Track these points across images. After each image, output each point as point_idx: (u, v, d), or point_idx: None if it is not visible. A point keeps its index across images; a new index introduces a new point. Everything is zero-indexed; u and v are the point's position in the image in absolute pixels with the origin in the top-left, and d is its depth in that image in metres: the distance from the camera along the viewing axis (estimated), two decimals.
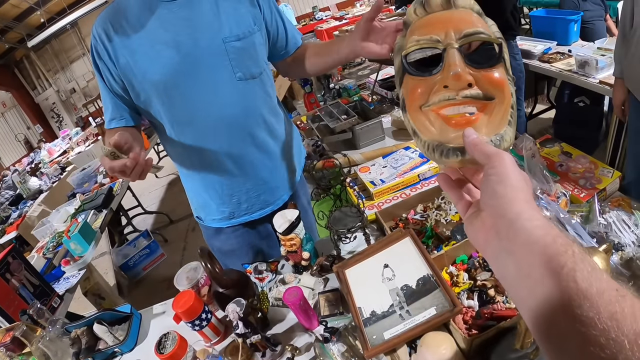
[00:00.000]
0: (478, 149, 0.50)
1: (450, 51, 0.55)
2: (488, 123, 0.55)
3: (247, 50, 1.27)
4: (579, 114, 3.28)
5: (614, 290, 0.35)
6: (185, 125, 1.30)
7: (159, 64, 1.20)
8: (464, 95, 0.54)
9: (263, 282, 1.36)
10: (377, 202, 1.54)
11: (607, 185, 1.32)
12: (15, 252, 1.75)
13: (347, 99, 2.61)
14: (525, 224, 0.42)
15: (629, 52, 1.74)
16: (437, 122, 0.57)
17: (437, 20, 0.59)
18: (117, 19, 1.20)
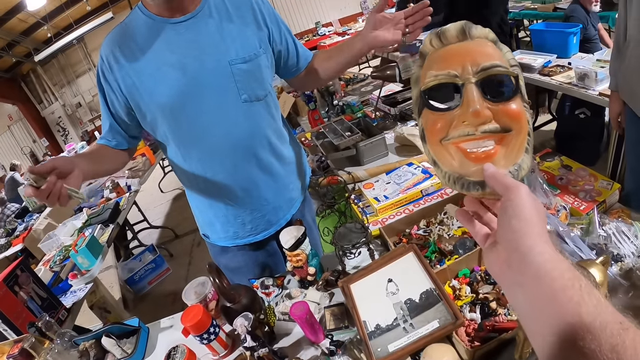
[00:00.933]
0: (497, 181, 0.52)
1: (469, 87, 0.56)
2: (506, 154, 0.56)
3: (253, 73, 1.29)
4: (580, 125, 3.30)
5: (618, 324, 0.37)
6: (191, 146, 1.32)
7: (165, 85, 1.22)
8: (483, 130, 0.56)
9: (270, 296, 1.38)
10: (381, 217, 1.57)
11: (606, 197, 1.34)
12: (23, 265, 1.79)
13: (351, 116, 2.65)
14: (536, 258, 0.44)
15: (623, 65, 1.77)
16: (457, 155, 0.59)
17: (453, 53, 0.59)
18: (124, 41, 1.22)
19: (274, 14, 1.37)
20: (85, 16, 9.90)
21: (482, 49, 0.58)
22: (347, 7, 11.35)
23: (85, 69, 11.74)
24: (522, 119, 0.56)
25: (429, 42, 0.63)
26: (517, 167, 0.56)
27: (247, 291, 1.30)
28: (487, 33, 0.60)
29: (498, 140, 0.56)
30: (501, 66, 0.56)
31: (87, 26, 9.79)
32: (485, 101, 0.56)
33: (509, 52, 0.60)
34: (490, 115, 0.56)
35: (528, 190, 0.50)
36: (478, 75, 0.56)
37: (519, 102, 0.57)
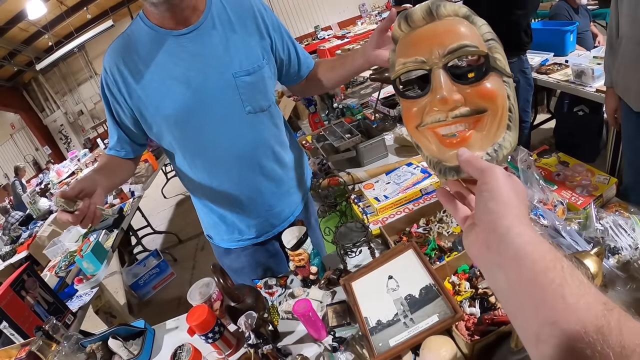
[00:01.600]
0: (471, 165, 0.52)
1: (436, 72, 0.55)
2: (483, 136, 0.55)
3: (257, 85, 1.30)
4: (579, 122, 3.32)
5: (602, 304, 0.37)
6: (196, 156, 1.34)
7: (170, 98, 1.23)
8: (454, 115, 0.55)
9: (273, 296, 1.41)
10: (382, 217, 1.59)
11: (603, 191, 1.35)
12: (30, 270, 1.81)
13: (351, 118, 2.67)
14: (515, 240, 0.43)
15: (617, 61, 1.81)
16: (433, 140, 0.58)
17: (421, 37, 0.58)
18: (128, 53, 1.22)
19: (277, 22, 1.37)
20: (85, 24, 9.97)
21: (450, 29, 0.55)
22: (346, 11, 11.39)
23: (86, 77, 11.81)
24: (495, 98, 0.54)
25: (398, 27, 0.61)
26: (497, 147, 0.55)
27: (251, 291, 1.32)
28: (456, 9, 0.56)
29: (473, 122, 0.55)
30: (469, 46, 0.54)
31: (87, 34, 9.84)
32: (455, 84, 0.55)
33: (484, 26, 0.56)
34: (459, 99, 0.54)
35: (504, 171, 0.49)
36: (446, 59, 0.54)
37: (493, 79, 0.54)
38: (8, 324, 1.60)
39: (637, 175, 1.93)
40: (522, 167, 1.33)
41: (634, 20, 1.62)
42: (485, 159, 0.54)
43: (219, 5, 1.28)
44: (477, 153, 0.55)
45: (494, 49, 0.55)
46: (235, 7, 1.29)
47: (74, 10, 9.25)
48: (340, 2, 11.45)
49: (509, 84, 0.56)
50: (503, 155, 0.55)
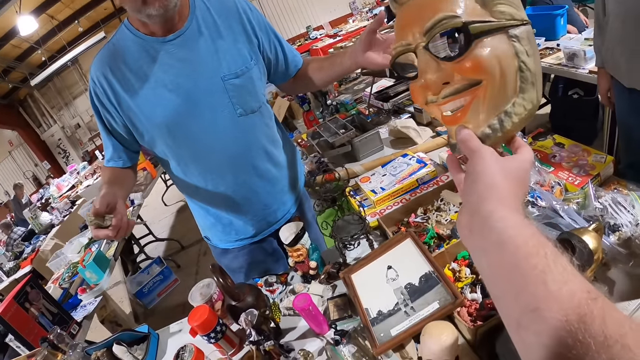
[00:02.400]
0: (465, 145, 0.51)
1: (419, 54, 0.52)
2: (485, 108, 0.51)
3: (246, 87, 1.30)
4: (574, 105, 3.32)
5: (585, 292, 0.36)
6: (190, 161, 1.35)
7: (161, 106, 1.23)
8: (444, 95, 0.53)
9: (274, 293, 1.40)
10: (379, 209, 1.58)
11: (600, 170, 1.34)
12: (33, 282, 1.80)
13: (345, 114, 2.67)
14: (497, 224, 0.43)
15: (606, 39, 1.81)
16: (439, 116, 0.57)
17: (404, 17, 0.55)
18: (115, 63, 1.22)
19: (263, 21, 1.37)
20: (77, 37, 10.03)
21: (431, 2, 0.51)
22: (337, 9, 11.41)
23: (81, 90, 11.86)
24: (485, 67, 0.49)
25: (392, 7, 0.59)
26: (503, 116, 0.51)
27: (251, 289, 1.32)
28: None
29: (469, 95, 0.52)
30: (445, 18, 0.49)
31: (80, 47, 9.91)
32: (440, 63, 0.51)
33: None
34: (446, 76, 0.51)
35: (493, 153, 0.48)
36: (426, 38, 0.51)
37: (486, 44, 0.49)
38: (13, 336, 1.60)
39: (633, 152, 1.93)
40: None
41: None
42: (486, 132, 0.52)
43: (203, 8, 1.27)
44: (480, 128, 0.52)
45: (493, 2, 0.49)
46: (220, 9, 1.29)
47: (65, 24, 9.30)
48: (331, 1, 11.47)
49: (519, 37, 0.49)
50: (513, 123, 0.51)
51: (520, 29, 0.49)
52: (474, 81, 0.51)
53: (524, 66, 0.50)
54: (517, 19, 0.49)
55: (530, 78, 0.50)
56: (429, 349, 0.83)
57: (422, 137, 2.03)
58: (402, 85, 2.70)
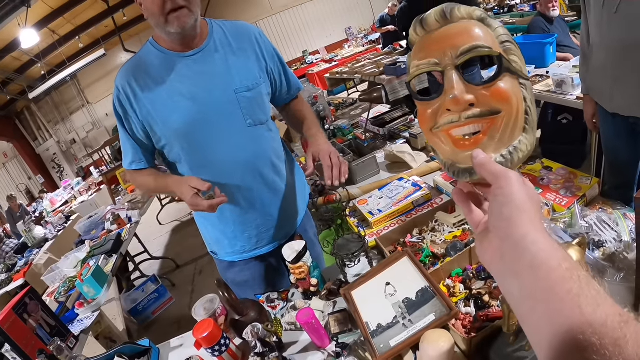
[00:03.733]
0: (485, 169, 0.50)
1: (448, 73, 0.54)
2: (498, 138, 0.54)
3: (256, 100, 1.43)
4: (564, 130, 3.40)
5: (618, 316, 0.35)
6: (202, 167, 1.43)
7: (178, 113, 1.35)
8: (467, 116, 0.54)
9: (276, 309, 1.45)
10: (376, 229, 1.65)
11: (586, 191, 1.43)
12: (32, 294, 1.82)
13: (343, 139, 2.76)
14: (530, 247, 0.42)
15: (590, 66, 1.90)
16: (448, 142, 0.58)
17: (434, 40, 0.57)
18: (139, 73, 1.35)
19: (271, 48, 1.52)
20: (77, 53, 10.09)
21: (464, 31, 0.55)
22: (333, 35, 11.66)
23: (78, 106, 11.88)
24: (510, 98, 0.53)
25: (413, 31, 0.60)
26: (513, 149, 0.54)
27: (254, 305, 1.37)
28: (471, 12, 0.56)
29: (487, 123, 0.54)
30: (482, 47, 0.53)
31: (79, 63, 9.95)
32: (468, 85, 0.54)
33: (500, 28, 0.56)
34: (472, 99, 0.53)
35: (519, 176, 0.49)
36: (458, 59, 0.54)
37: (508, 80, 0.53)
38: (11, 347, 1.60)
39: (618, 175, 2.01)
40: None
41: (600, 27, 1.73)
42: (499, 161, 0.53)
43: (220, 32, 1.43)
44: (491, 155, 0.54)
45: (510, 50, 0.54)
46: (235, 34, 1.45)
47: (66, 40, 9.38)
48: (327, 26, 11.72)
49: (526, 86, 0.55)
50: (518, 158, 0.54)
51: (526, 81, 0.55)
52: (495, 109, 0.53)
53: (529, 110, 0.55)
54: (524, 73, 0.55)
55: (531, 122, 0.55)
56: (428, 355, 0.89)
57: (417, 162, 2.12)
58: (397, 112, 2.80)
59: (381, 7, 9.61)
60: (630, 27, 1.56)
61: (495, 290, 1.13)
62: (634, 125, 1.79)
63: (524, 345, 0.91)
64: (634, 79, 1.64)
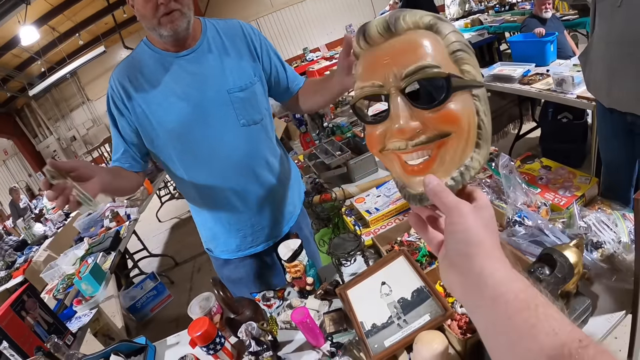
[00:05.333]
0: (438, 198, 0.49)
1: (393, 98, 0.51)
2: (449, 159, 0.52)
3: (249, 100, 1.42)
4: (564, 129, 3.41)
5: (577, 341, 0.37)
6: (195, 167, 1.43)
7: (172, 114, 1.34)
8: (414, 143, 0.51)
9: (271, 308, 1.45)
10: (373, 228, 1.65)
11: (585, 191, 1.42)
12: (30, 291, 1.82)
13: (341, 136, 2.75)
14: (488, 281, 0.43)
15: (588, 60, 1.89)
16: (397, 164, 0.56)
17: (378, 57, 0.53)
18: (133, 73, 1.34)
19: (265, 44, 1.49)
20: (77, 50, 10.03)
21: (410, 46, 0.50)
22: (333, 32, 11.59)
23: (79, 103, 11.84)
24: (460, 120, 0.50)
25: (357, 43, 0.56)
26: (464, 169, 0.52)
27: (249, 303, 1.36)
28: (418, 20, 0.51)
29: (436, 147, 0.52)
30: (429, 67, 0.49)
31: (79, 60, 9.90)
32: (415, 110, 0.50)
33: (451, 34, 0.51)
34: (418, 127, 0.51)
35: (470, 207, 0.48)
36: (403, 83, 0.50)
37: (458, 99, 0.50)
38: (8, 344, 1.60)
39: (614, 173, 2.00)
40: (505, 172, 1.40)
41: (603, 19, 1.71)
42: (450, 184, 0.52)
43: (214, 30, 1.42)
44: (443, 179, 0.52)
45: (462, 60, 0.50)
46: (228, 32, 1.43)
47: (66, 37, 9.34)
48: (328, 24, 11.66)
49: (480, 96, 0.51)
50: (470, 176, 0.52)
51: (480, 89, 0.52)
52: (444, 132, 0.51)
53: (482, 124, 0.52)
54: (478, 81, 0.52)
55: (485, 135, 0.53)
56: (421, 357, 0.89)
57: None
58: None
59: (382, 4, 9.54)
60: (632, 21, 1.55)
61: None
62: (631, 125, 1.77)
63: None
64: (632, 73, 1.62)
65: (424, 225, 0.56)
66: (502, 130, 4.11)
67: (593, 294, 1.07)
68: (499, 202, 1.48)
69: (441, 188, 0.49)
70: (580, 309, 0.98)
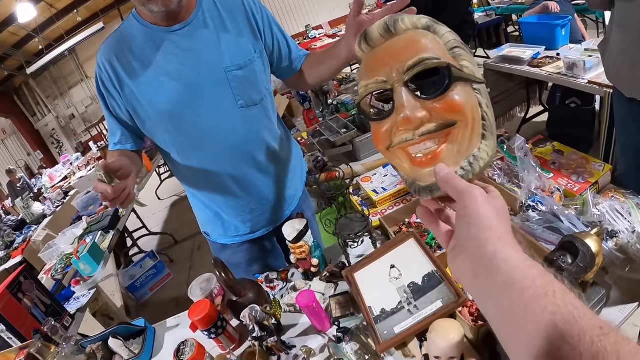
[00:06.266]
0: (449, 185, 0.49)
1: (397, 90, 0.53)
2: (456, 150, 0.53)
3: (248, 79, 1.31)
4: (572, 115, 3.35)
5: (598, 329, 0.35)
6: (190, 151, 1.35)
7: (163, 94, 1.24)
8: (421, 133, 0.53)
9: (274, 290, 1.40)
10: (380, 209, 1.59)
11: (599, 178, 1.37)
12: (26, 273, 1.77)
13: (346, 114, 2.68)
14: (502, 266, 0.42)
15: (608, 47, 1.82)
16: (405, 160, 0.56)
17: (380, 56, 0.56)
18: (121, 50, 1.23)
19: (267, 16, 1.37)
20: (76, 27, 9.92)
21: (410, 44, 0.53)
22: (337, 9, 11.41)
23: (77, 80, 11.75)
24: (463, 108, 0.51)
25: (358, 48, 0.60)
26: (473, 159, 0.52)
27: (252, 285, 1.32)
28: (415, 21, 0.54)
29: (443, 137, 0.53)
30: (430, 58, 0.51)
31: (78, 37, 9.82)
32: (419, 101, 0.52)
33: (448, 33, 0.54)
34: (424, 116, 0.52)
35: (483, 192, 0.47)
36: (406, 75, 0.52)
37: (460, 89, 0.52)
38: (5, 327, 1.56)
39: (632, 160, 1.95)
40: (520, 154, 1.34)
41: (624, 7, 1.64)
42: (460, 173, 0.52)
43: (210, 2, 1.29)
44: (453, 169, 0.53)
45: (460, 56, 0.53)
46: (226, 4, 1.31)
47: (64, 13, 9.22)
48: (331, 1, 11.47)
49: (481, 91, 0.53)
50: (480, 167, 0.53)
51: (480, 85, 0.53)
52: (450, 121, 0.52)
53: (485, 116, 0.53)
54: (478, 77, 0.53)
55: (489, 128, 0.54)
56: (436, 346, 0.84)
57: None
58: None
59: None
60: None
61: None
62: None
63: None
64: None
65: (433, 218, 0.56)
66: (509, 113, 4.04)
67: (607, 284, 1.02)
68: (510, 185, 1.43)
69: (452, 175, 0.50)
70: (596, 299, 0.94)
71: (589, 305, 0.92)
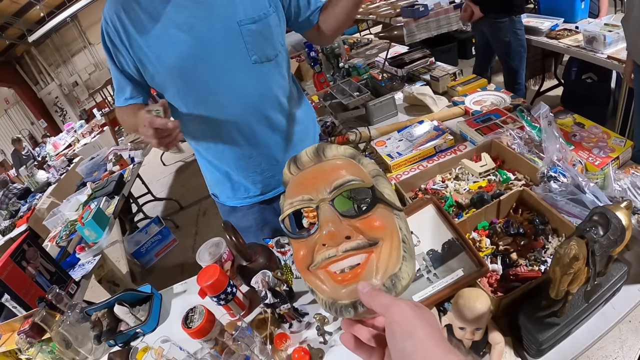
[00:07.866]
0: (375, 301, 0.48)
1: (323, 208, 0.55)
2: (379, 267, 0.53)
3: (263, 33, 1.24)
4: (587, 90, 3.29)
5: None
6: (200, 107, 1.29)
7: (173, 48, 1.18)
8: (344, 249, 0.54)
9: (285, 255, 1.36)
10: (395, 174, 1.55)
11: (620, 153, 1.35)
12: (30, 240, 1.73)
13: (358, 77, 2.61)
14: None
15: (629, 24, 1.82)
16: (327, 279, 0.56)
17: (308, 177, 0.59)
18: (128, 2, 1.17)
19: None
20: None
21: (337, 167, 0.58)
22: None
23: (80, 47, 11.63)
24: (386, 228, 0.54)
25: (287, 171, 0.63)
26: (395, 278, 0.53)
27: (263, 250, 1.28)
28: (342, 151, 0.61)
29: (366, 255, 0.54)
30: (354, 180, 0.55)
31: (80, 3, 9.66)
32: (344, 219, 0.55)
33: (370, 164, 0.60)
34: (349, 231, 0.54)
35: (410, 303, 0.45)
36: (332, 194, 0.55)
37: (382, 211, 0.55)
38: (10, 297, 1.54)
39: None
40: (544, 123, 1.28)
41: None
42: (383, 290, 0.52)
43: None
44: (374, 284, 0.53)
45: (381, 184, 0.58)
46: None
47: None
48: None
49: (400, 216, 0.57)
50: (402, 286, 0.53)
51: (400, 213, 0.58)
52: (373, 240, 0.54)
53: (405, 239, 0.56)
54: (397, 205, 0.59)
55: (409, 251, 0.56)
56: (462, 316, 0.79)
57: (438, 106, 1.98)
58: (417, 53, 2.64)
59: None
60: None
61: (524, 248, 1.03)
62: None
63: (557, 312, 0.82)
64: None
65: (359, 343, 0.52)
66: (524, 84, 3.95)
67: (626, 261, 0.97)
68: (530, 154, 1.37)
69: (377, 291, 0.49)
70: (617, 275, 0.89)
71: (611, 281, 0.87)
